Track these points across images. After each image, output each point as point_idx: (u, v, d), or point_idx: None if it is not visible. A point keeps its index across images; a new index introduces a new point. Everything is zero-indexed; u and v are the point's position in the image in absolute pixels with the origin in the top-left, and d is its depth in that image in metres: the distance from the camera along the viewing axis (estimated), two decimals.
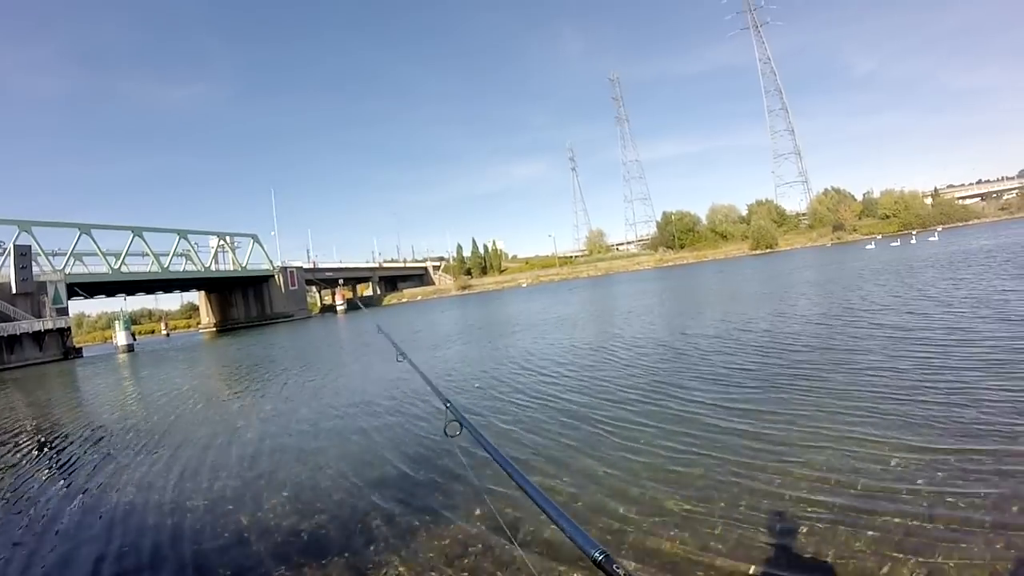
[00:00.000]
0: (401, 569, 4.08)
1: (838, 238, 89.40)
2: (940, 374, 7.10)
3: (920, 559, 3.34)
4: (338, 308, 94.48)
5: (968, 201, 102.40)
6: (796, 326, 12.37)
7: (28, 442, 11.34)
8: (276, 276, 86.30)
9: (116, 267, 66.27)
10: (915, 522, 3.74)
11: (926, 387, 6.61)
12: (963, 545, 3.41)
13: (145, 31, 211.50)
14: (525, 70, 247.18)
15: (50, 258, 59.59)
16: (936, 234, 58.32)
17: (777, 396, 7.12)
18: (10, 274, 51.18)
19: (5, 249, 54.10)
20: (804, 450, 5.18)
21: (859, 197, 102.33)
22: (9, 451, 10.51)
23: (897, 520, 3.80)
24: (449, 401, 2.24)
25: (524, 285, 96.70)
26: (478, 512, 4.80)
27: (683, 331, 14.01)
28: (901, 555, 3.40)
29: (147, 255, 71.55)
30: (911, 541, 3.53)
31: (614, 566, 1.04)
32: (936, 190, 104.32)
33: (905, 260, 28.75)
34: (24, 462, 9.53)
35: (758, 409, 6.65)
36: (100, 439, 10.58)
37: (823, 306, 15.31)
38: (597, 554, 1.07)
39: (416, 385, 10.63)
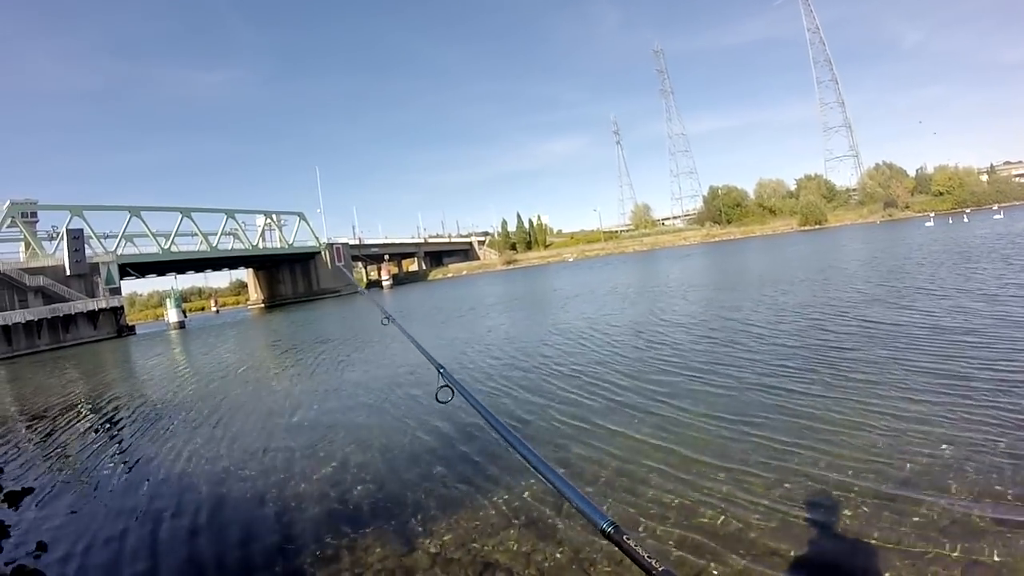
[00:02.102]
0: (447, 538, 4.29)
1: (889, 215, 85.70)
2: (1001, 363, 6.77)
3: (964, 547, 3.32)
4: (384, 283, 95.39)
5: None
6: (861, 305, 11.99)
7: (86, 414, 12.02)
8: (323, 252, 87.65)
9: (166, 247, 68.54)
10: (961, 511, 3.69)
11: (983, 375, 6.35)
12: (1008, 536, 3.34)
13: (177, 19, 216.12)
14: (562, 45, 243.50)
15: (102, 240, 62.05)
16: (1001, 211, 55.40)
17: (821, 377, 6.98)
18: (64, 257, 53.65)
19: (59, 233, 56.49)
20: (850, 432, 5.15)
21: (911, 173, 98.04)
22: (69, 422, 11.15)
23: (943, 507, 3.75)
24: (443, 367, 2.14)
25: (570, 260, 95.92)
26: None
27: (732, 311, 13.75)
28: (947, 541, 3.38)
29: (196, 235, 73.64)
30: (955, 529, 3.49)
31: (624, 536, 0.97)
32: (992, 167, 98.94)
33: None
34: (84, 432, 10.13)
35: (802, 388, 6.57)
36: (153, 410, 11.25)
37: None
38: (606, 525, 1.01)
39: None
